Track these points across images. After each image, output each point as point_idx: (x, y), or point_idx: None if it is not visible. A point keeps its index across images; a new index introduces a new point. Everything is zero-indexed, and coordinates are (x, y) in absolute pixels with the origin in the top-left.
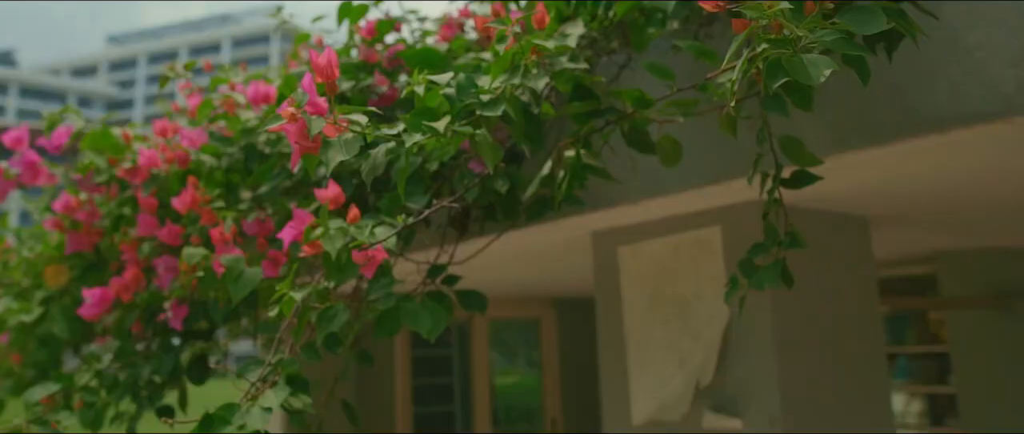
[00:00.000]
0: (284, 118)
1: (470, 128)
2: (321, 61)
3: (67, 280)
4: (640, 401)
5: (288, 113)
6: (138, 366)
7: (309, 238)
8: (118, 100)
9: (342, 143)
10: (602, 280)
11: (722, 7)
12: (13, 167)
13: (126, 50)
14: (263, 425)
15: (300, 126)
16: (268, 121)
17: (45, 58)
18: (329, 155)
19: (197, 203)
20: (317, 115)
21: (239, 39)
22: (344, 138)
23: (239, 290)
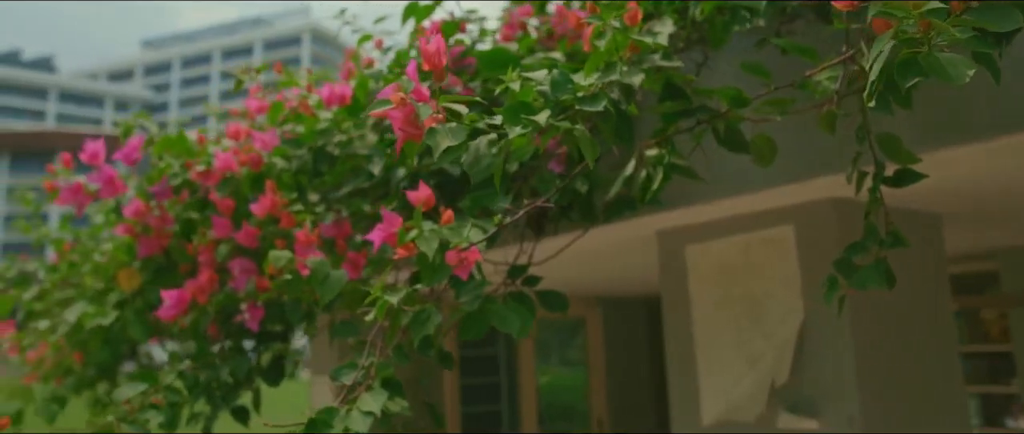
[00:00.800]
0: (392, 103)
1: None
2: (430, 48)
3: (140, 283)
4: (709, 401)
5: (397, 98)
6: (216, 367)
7: (404, 240)
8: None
9: (448, 130)
10: (669, 279)
11: (856, 5)
12: (92, 182)
13: (160, 54)
14: (365, 429)
15: (407, 112)
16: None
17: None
18: (436, 140)
19: (277, 206)
20: (422, 102)
21: (271, 42)
22: (449, 126)
23: (327, 292)
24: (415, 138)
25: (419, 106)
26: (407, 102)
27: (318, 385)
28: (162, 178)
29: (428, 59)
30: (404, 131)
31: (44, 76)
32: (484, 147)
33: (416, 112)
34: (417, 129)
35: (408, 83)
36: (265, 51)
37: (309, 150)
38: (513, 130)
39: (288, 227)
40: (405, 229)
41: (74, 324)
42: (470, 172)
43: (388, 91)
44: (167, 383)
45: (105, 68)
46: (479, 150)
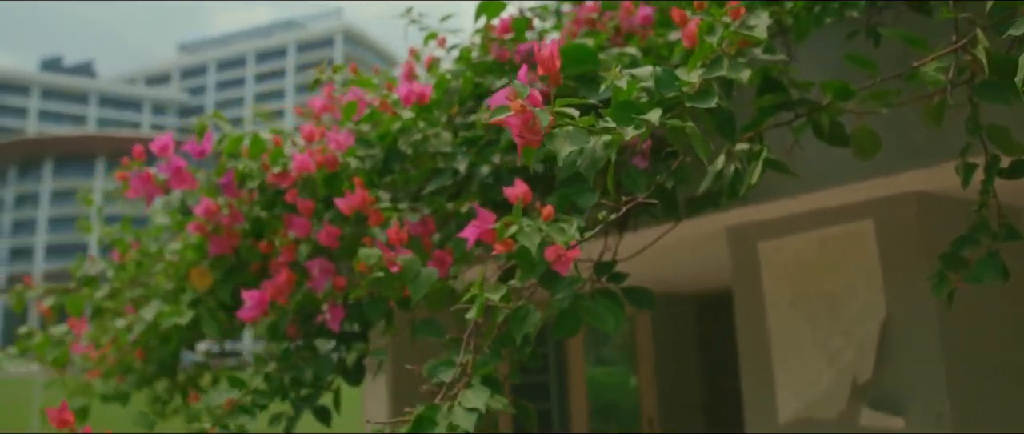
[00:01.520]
0: (510, 110)
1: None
2: (544, 54)
3: (211, 282)
4: (786, 399)
5: (517, 105)
6: (301, 367)
7: (503, 236)
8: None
9: (567, 135)
10: (741, 276)
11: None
12: (161, 173)
13: (196, 58)
14: (470, 426)
15: (525, 118)
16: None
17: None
18: (557, 145)
19: (366, 204)
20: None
21: (304, 44)
22: (568, 131)
23: (418, 289)
24: (533, 144)
25: (538, 113)
26: (526, 109)
27: (372, 387)
28: (228, 173)
29: (543, 64)
30: (523, 137)
31: (85, 81)
32: (600, 149)
33: (534, 118)
34: (536, 135)
35: (522, 88)
36: (298, 53)
37: (382, 149)
38: (627, 130)
39: (376, 225)
40: (505, 225)
41: (150, 322)
42: (586, 174)
43: (501, 97)
44: (255, 385)
45: (143, 72)
46: (595, 152)
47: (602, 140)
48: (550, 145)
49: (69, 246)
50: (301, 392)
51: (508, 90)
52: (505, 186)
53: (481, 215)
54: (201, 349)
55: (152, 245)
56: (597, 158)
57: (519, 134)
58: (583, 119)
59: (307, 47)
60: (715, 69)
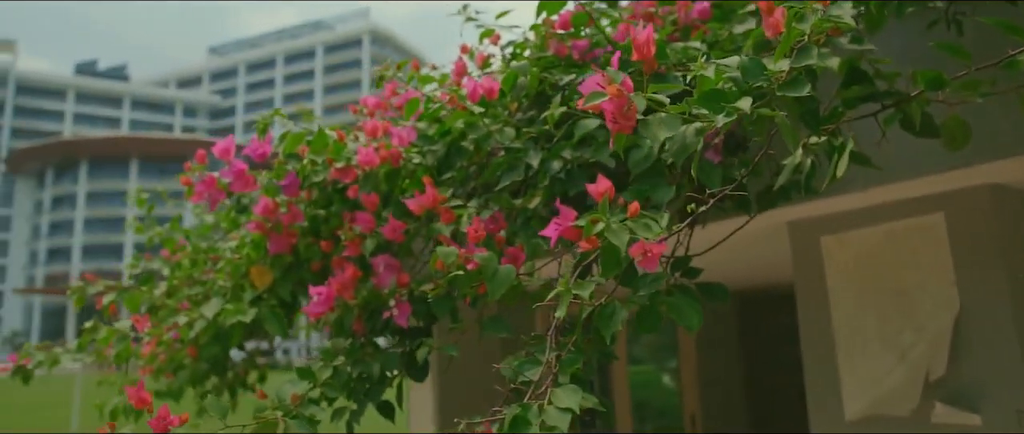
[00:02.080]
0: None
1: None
2: (640, 38)
3: (271, 280)
4: (853, 395)
5: (614, 90)
6: (368, 363)
7: (589, 232)
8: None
9: (660, 121)
10: (803, 271)
11: None
12: (224, 177)
13: (226, 60)
14: (565, 425)
15: (619, 104)
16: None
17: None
18: (652, 131)
19: (437, 201)
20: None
21: (331, 45)
22: (661, 117)
23: (497, 287)
24: (625, 130)
25: (634, 98)
26: (622, 94)
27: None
28: (289, 174)
29: (638, 49)
30: (617, 123)
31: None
32: (691, 135)
33: (628, 104)
34: (630, 121)
35: (616, 75)
36: (326, 54)
37: (444, 145)
38: (719, 118)
39: (447, 222)
40: (591, 222)
41: (212, 319)
42: (677, 161)
43: (592, 82)
44: (325, 379)
45: (174, 75)
46: (686, 138)
47: (693, 127)
48: (644, 131)
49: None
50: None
51: (601, 76)
52: (575, 182)
53: (563, 212)
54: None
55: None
56: (688, 145)
57: (612, 120)
58: (674, 107)
59: (334, 48)
60: (804, 58)
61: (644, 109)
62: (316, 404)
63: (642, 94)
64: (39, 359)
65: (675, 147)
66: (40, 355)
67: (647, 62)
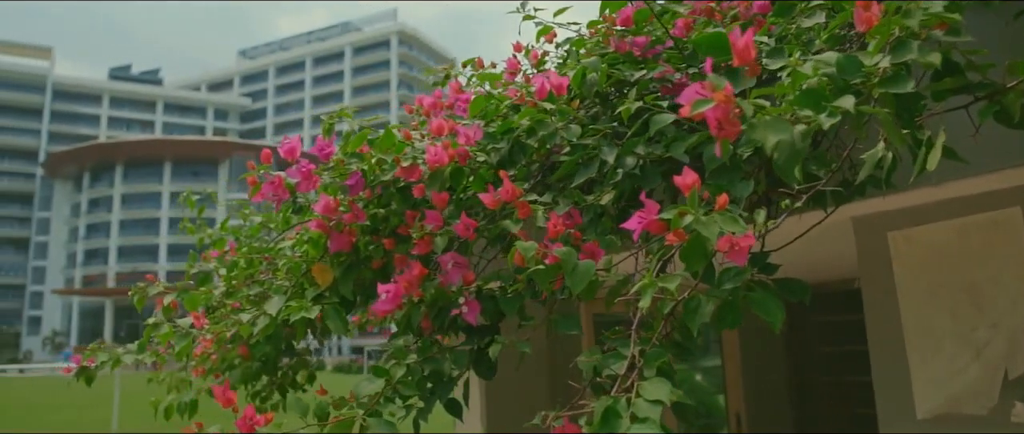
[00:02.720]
0: (714, 102)
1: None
2: (740, 43)
3: (332, 278)
4: (924, 393)
5: (721, 95)
6: (440, 361)
7: (676, 225)
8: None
9: (767, 125)
10: (869, 268)
11: None
12: (291, 177)
13: (256, 63)
14: (657, 416)
15: (724, 110)
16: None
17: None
18: (764, 135)
19: (514, 196)
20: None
21: (359, 46)
22: (770, 120)
23: (578, 282)
24: (730, 135)
25: (742, 104)
26: (729, 100)
27: None
28: (354, 173)
29: (739, 55)
30: (723, 129)
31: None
32: (799, 139)
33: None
34: (735, 126)
35: (719, 81)
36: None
37: (508, 142)
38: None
39: (524, 217)
40: (679, 214)
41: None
42: (785, 164)
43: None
44: (399, 377)
45: (206, 78)
46: (795, 143)
47: (799, 130)
48: (755, 135)
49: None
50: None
51: (702, 83)
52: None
53: (648, 206)
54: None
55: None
56: (797, 150)
57: (717, 127)
58: (774, 108)
59: (363, 49)
60: (904, 52)
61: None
62: (392, 402)
63: (749, 100)
64: (103, 359)
65: (785, 153)
66: (103, 355)
67: (750, 67)
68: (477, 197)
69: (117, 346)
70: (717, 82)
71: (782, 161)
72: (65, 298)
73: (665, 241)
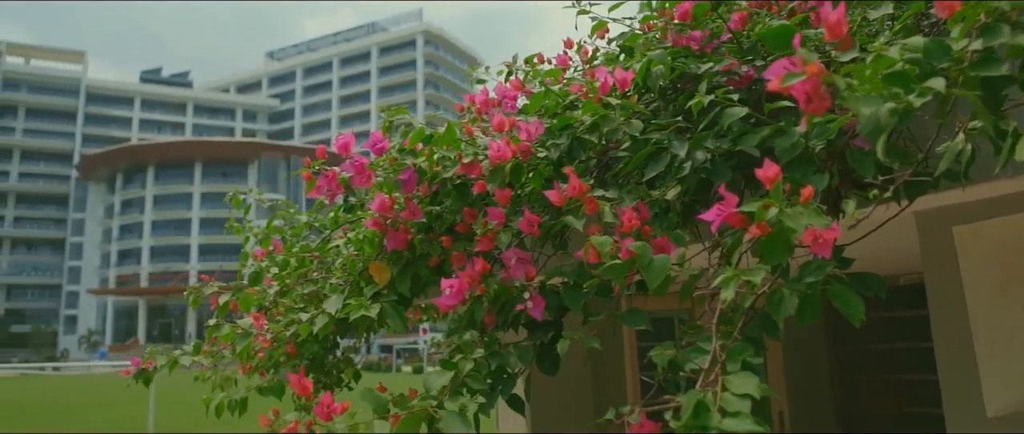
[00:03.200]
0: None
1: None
2: (832, 18)
3: (390, 276)
4: (995, 392)
5: (813, 69)
6: (505, 355)
7: (760, 217)
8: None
9: (865, 99)
10: (934, 263)
11: None
12: (345, 171)
13: (284, 65)
14: (746, 409)
15: (814, 84)
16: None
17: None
18: (858, 107)
19: (582, 191)
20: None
21: (385, 46)
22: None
23: (654, 276)
24: (819, 111)
25: (835, 77)
26: (821, 72)
27: None
28: (407, 169)
29: (830, 29)
30: (813, 103)
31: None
32: (885, 115)
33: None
34: (825, 101)
35: (809, 56)
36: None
37: (568, 138)
38: (913, 99)
39: (592, 212)
40: (763, 207)
41: (332, 316)
42: (871, 139)
43: (780, 65)
44: (467, 371)
45: (234, 80)
46: (880, 117)
47: (887, 107)
48: (852, 105)
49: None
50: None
51: (790, 59)
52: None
53: (727, 199)
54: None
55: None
56: (882, 124)
57: (806, 101)
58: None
59: (389, 49)
60: (995, 36)
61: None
62: (460, 396)
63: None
64: (161, 362)
65: (868, 126)
66: (161, 358)
67: (842, 41)
68: (535, 193)
69: (150, 345)
70: (807, 56)
71: (867, 132)
72: (100, 297)
73: (744, 234)
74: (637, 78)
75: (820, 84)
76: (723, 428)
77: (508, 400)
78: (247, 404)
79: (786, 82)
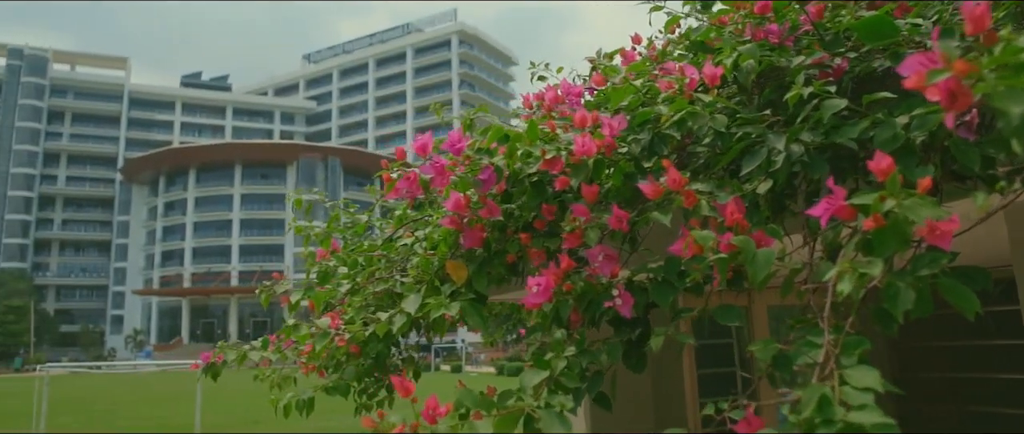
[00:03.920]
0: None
1: None
2: (976, 11)
3: (467, 274)
4: None
5: (960, 65)
6: (596, 353)
7: (876, 209)
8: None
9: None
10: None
11: None
12: (425, 172)
13: (320, 67)
14: (870, 401)
15: (958, 79)
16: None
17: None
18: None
19: (681, 184)
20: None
21: (420, 47)
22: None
23: (759, 270)
24: (960, 107)
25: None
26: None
27: None
28: (487, 168)
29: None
30: (957, 100)
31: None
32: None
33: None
34: (967, 97)
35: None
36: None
37: (648, 133)
38: None
39: (690, 205)
40: (879, 199)
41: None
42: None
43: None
44: (561, 369)
45: (272, 83)
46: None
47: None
48: (999, 103)
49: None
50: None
51: (927, 55)
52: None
53: (836, 191)
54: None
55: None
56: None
57: (949, 99)
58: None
59: (424, 50)
60: None
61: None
62: (556, 394)
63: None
64: (231, 356)
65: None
66: (231, 353)
67: (986, 35)
68: (614, 189)
69: (192, 344)
70: (949, 52)
71: (1013, 131)
72: (144, 298)
73: (843, 228)
74: (727, 73)
75: (963, 81)
76: (850, 420)
77: (595, 398)
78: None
79: (931, 79)
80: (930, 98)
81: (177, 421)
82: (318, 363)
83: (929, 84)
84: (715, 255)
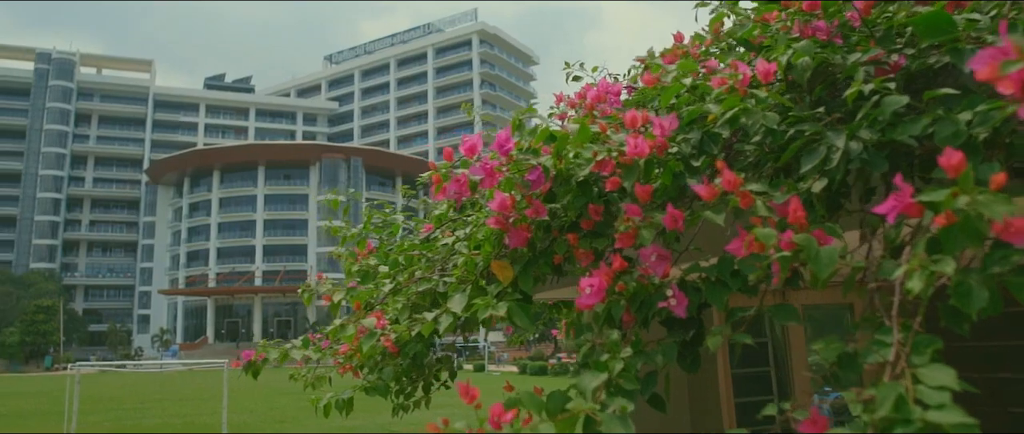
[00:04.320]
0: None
1: None
2: None
3: (512, 274)
4: None
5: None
6: (652, 355)
7: (949, 205)
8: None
9: None
10: None
11: None
12: (474, 174)
13: (342, 68)
14: (947, 400)
15: None
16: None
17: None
18: None
19: (736, 185)
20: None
21: (441, 47)
22: None
23: (822, 267)
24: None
25: None
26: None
27: None
28: (535, 169)
29: None
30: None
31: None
32: None
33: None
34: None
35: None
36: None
37: (698, 132)
38: None
39: (746, 206)
40: (952, 195)
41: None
42: None
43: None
44: (617, 371)
45: (294, 84)
46: None
47: None
48: None
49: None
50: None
51: (997, 48)
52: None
53: (903, 188)
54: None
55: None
56: None
57: (1021, 89)
58: None
59: (444, 50)
60: None
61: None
62: (615, 397)
63: None
64: (273, 354)
65: None
66: (274, 352)
67: None
68: (663, 188)
69: (218, 343)
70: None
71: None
72: (170, 297)
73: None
74: (780, 70)
75: None
76: (929, 419)
77: (649, 399)
78: (353, 403)
79: (1004, 71)
80: (1002, 91)
81: (203, 420)
82: (356, 363)
83: (1002, 76)
84: (778, 253)
